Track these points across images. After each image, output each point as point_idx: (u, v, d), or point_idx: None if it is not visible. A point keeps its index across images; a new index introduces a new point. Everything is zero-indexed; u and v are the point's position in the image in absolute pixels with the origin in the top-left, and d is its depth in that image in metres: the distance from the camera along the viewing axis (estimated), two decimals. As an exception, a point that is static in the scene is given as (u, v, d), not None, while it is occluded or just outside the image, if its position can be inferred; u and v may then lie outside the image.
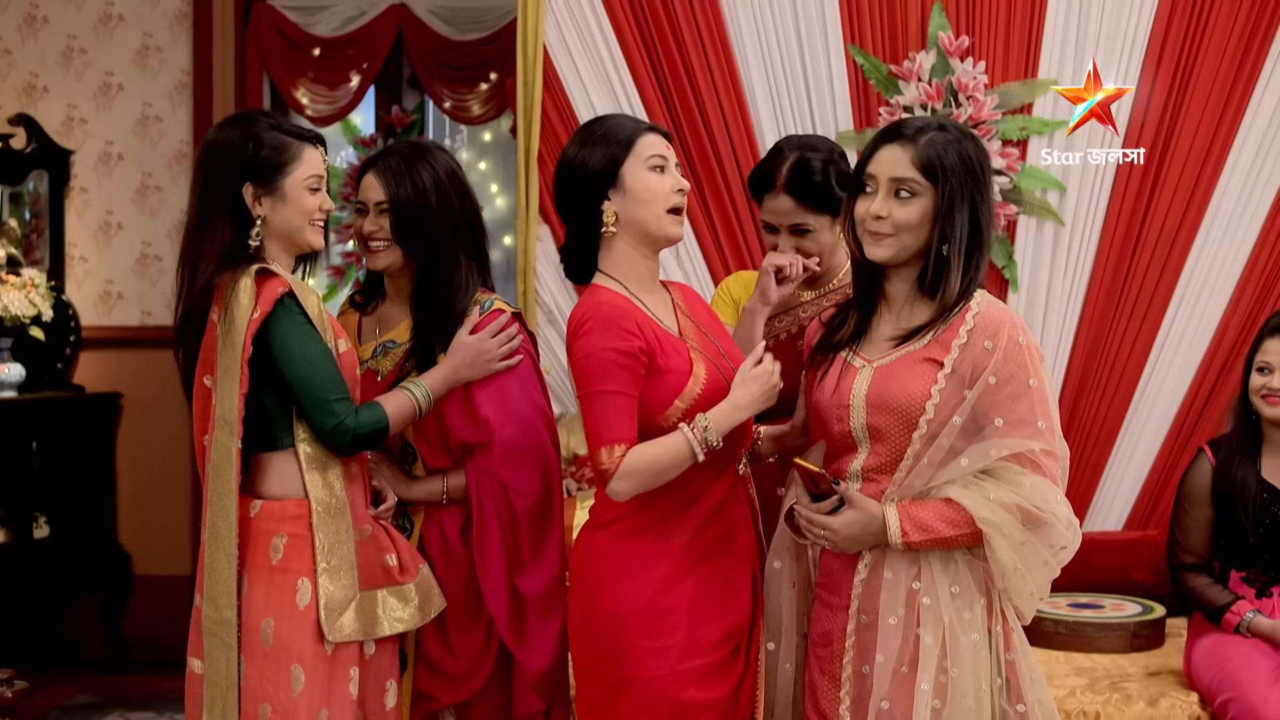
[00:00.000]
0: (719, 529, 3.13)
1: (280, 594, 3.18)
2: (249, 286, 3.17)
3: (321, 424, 3.20)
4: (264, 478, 3.27)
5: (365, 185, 3.56)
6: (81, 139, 7.04)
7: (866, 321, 3.10)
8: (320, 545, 3.18)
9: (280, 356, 3.19)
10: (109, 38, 7.01)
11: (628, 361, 3.01)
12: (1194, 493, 4.24)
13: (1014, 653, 2.98)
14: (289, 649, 3.16)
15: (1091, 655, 4.52)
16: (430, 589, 3.38)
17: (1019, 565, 2.89)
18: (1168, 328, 5.18)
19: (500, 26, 6.78)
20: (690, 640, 3.06)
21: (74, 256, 7.05)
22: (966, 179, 2.96)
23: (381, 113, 7.26)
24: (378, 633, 3.24)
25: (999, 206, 5.08)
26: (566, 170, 3.16)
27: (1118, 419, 5.20)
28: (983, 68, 5.14)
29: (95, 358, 7.03)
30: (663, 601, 3.06)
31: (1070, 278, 5.18)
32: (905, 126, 3.02)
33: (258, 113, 3.37)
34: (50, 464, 6.63)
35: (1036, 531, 2.89)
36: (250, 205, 3.25)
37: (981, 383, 2.90)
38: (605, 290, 3.12)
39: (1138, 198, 5.13)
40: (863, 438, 3.02)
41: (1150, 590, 4.97)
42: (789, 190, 3.50)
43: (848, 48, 5.22)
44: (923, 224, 2.97)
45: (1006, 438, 2.90)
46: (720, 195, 5.30)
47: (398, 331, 3.60)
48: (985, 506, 2.88)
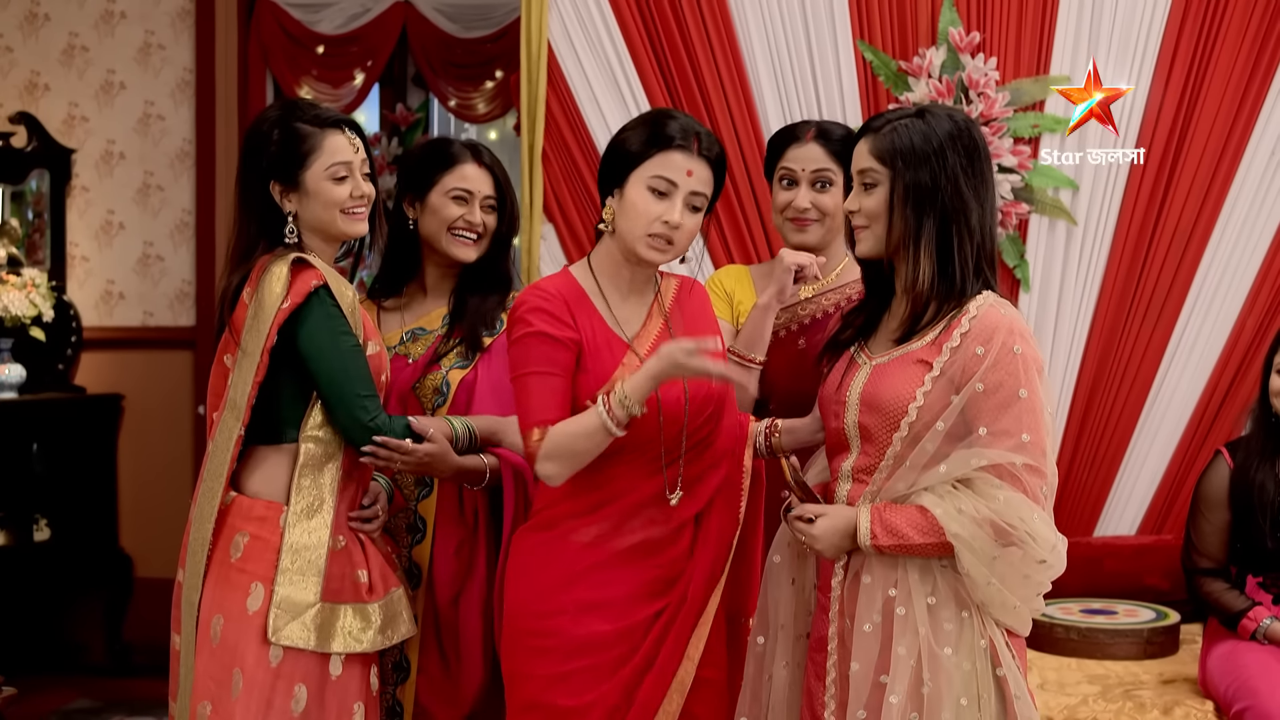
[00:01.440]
0: (639, 535, 3.05)
1: (232, 593, 3.12)
2: (283, 275, 3.12)
3: (351, 418, 3.14)
4: (251, 471, 3.21)
5: (469, 175, 3.59)
6: (83, 138, 7.02)
7: (877, 317, 3.04)
8: (289, 543, 3.11)
9: (310, 350, 3.13)
10: (111, 35, 6.99)
11: (557, 345, 2.98)
12: (1211, 496, 4.20)
13: (1003, 669, 2.85)
14: (233, 651, 3.10)
15: (1104, 662, 4.45)
16: (397, 613, 3.27)
17: (992, 580, 2.79)
18: (1182, 328, 5.11)
19: (506, 24, 6.73)
20: (574, 641, 3.01)
21: (75, 256, 7.02)
22: (930, 161, 2.86)
23: (386, 111, 7.23)
24: (328, 648, 3.13)
25: (1010, 205, 5.03)
26: (611, 142, 3.13)
27: (1131, 421, 5.14)
28: (994, 64, 5.07)
29: (97, 359, 6.99)
30: (551, 600, 3.02)
31: (1083, 278, 5.12)
32: (876, 119, 2.97)
33: (292, 102, 3.33)
34: (51, 466, 6.61)
35: (1009, 546, 2.78)
36: (279, 202, 3.21)
37: (969, 388, 2.81)
38: (565, 277, 3.11)
39: (1151, 196, 5.07)
40: (854, 436, 2.95)
41: (1164, 596, 4.91)
42: (819, 139, 3.56)
43: (856, 43, 5.16)
44: (884, 214, 2.92)
45: (989, 448, 2.79)
46: (726, 192, 5.17)
47: (428, 320, 3.62)
48: (955, 519, 2.78)
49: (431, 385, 3.54)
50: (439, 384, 3.54)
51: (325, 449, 3.18)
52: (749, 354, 3.44)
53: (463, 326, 3.58)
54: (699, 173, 3.05)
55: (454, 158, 3.63)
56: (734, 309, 3.62)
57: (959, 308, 2.87)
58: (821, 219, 3.54)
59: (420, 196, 3.64)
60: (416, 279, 3.71)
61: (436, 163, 3.64)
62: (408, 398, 3.55)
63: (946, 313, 2.89)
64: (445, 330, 3.60)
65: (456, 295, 3.65)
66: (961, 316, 2.86)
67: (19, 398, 6.51)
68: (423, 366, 3.54)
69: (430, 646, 3.51)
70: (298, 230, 3.22)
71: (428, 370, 3.55)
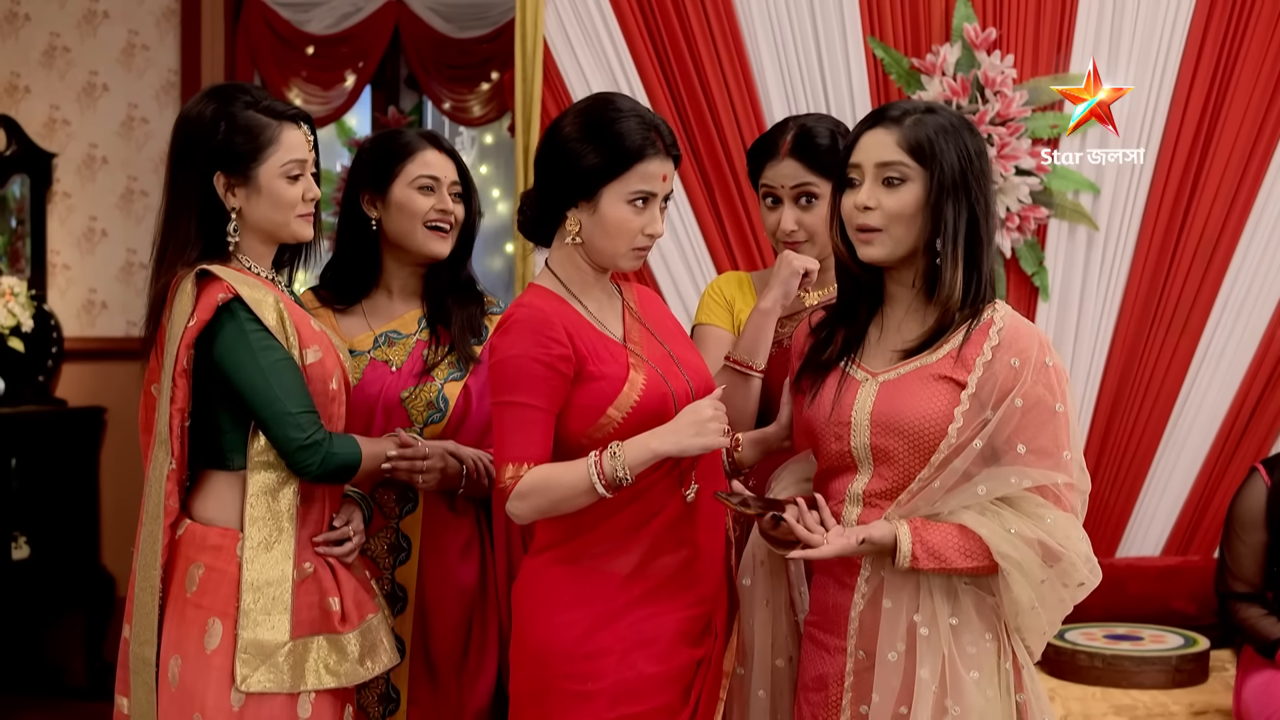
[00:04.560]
0: (674, 559, 2.92)
1: (189, 631, 2.93)
2: (189, 291, 2.94)
3: (286, 439, 2.93)
4: (203, 497, 3.03)
5: (432, 162, 3.46)
6: (64, 141, 6.96)
7: (863, 330, 2.88)
8: (249, 581, 2.91)
9: (229, 368, 2.94)
10: (93, 36, 6.94)
11: (544, 372, 2.83)
12: (1247, 515, 4.14)
13: (1025, 694, 2.76)
14: (192, 695, 2.90)
15: (1130, 691, 4.37)
16: (377, 641, 3.08)
17: (1035, 604, 2.70)
18: (1209, 339, 5.05)
19: (502, 23, 6.66)
20: (621, 685, 2.85)
21: (56, 264, 6.97)
22: (960, 165, 2.74)
23: (378, 114, 7.17)
24: (300, 686, 2.93)
25: (1028, 209, 4.97)
26: (556, 146, 2.93)
27: (1155, 436, 5.07)
28: (1011, 62, 5.00)
29: (78, 370, 6.91)
30: (593, 641, 2.86)
31: (1105, 285, 5.05)
32: (891, 108, 2.82)
33: (238, 87, 3.09)
34: (30, 481, 6.51)
35: (1055, 567, 2.69)
36: (222, 196, 3.00)
37: (1007, 405, 2.68)
38: (540, 292, 2.96)
39: (1176, 200, 5.00)
40: (865, 459, 2.78)
41: (1192, 620, 4.86)
42: (795, 153, 3.34)
43: (867, 40, 5.10)
44: (916, 214, 2.74)
45: (1030, 467, 2.69)
46: (730, 195, 5.18)
47: (401, 323, 3.50)
48: (1006, 540, 2.66)
49: (425, 399, 3.42)
50: (434, 398, 3.42)
51: (277, 474, 2.98)
52: (749, 361, 3.26)
53: (449, 334, 3.47)
54: (669, 170, 2.95)
55: (412, 145, 3.50)
56: (734, 317, 3.47)
57: (974, 316, 2.76)
58: (812, 237, 3.36)
59: (381, 192, 3.49)
60: (378, 281, 3.57)
61: (394, 153, 3.49)
62: (395, 409, 3.42)
63: (961, 322, 2.75)
64: (427, 336, 3.49)
65: (429, 297, 3.53)
66: (986, 327, 2.74)
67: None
68: (412, 376, 3.42)
69: (420, 674, 3.38)
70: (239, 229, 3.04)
71: (420, 381, 3.43)
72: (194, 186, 3.00)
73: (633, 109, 2.92)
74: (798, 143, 3.33)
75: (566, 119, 2.93)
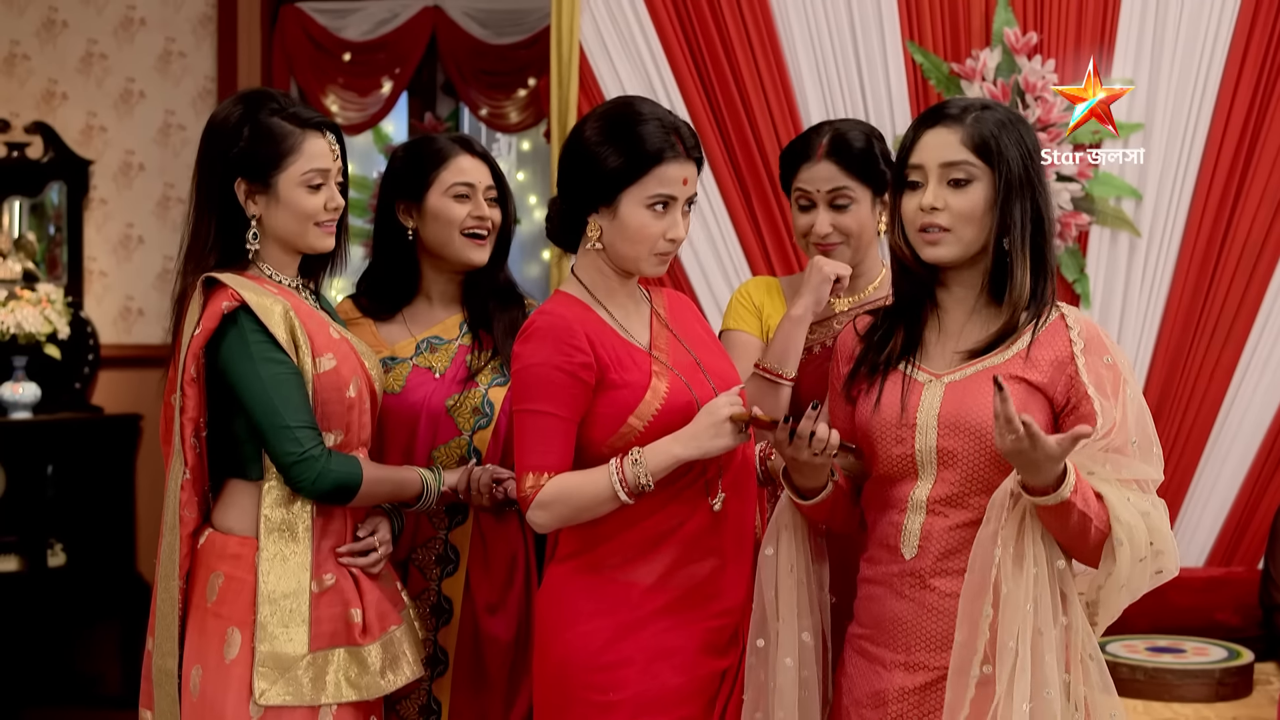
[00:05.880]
0: (700, 569, 2.88)
1: (209, 641, 2.90)
2: (197, 298, 2.92)
3: (281, 452, 2.89)
4: (224, 506, 3.00)
5: (466, 168, 3.44)
6: (101, 148, 6.99)
7: (920, 332, 2.82)
8: (265, 593, 2.88)
9: (233, 378, 2.92)
10: (130, 43, 6.98)
11: (566, 380, 2.81)
12: None
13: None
14: (212, 706, 2.87)
15: (1172, 705, 4.27)
16: (400, 654, 3.04)
17: (1128, 581, 2.61)
18: (1253, 347, 4.98)
19: (539, 29, 6.67)
20: (644, 696, 2.82)
21: (93, 271, 6.99)
22: (1023, 161, 2.70)
23: (414, 121, 7.18)
24: (320, 699, 2.89)
25: (1069, 216, 4.92)
26: (577, 150, 2.91)
27: (1199, 445, 5.01)
28: (1052, 66, 4.96)
29: (114, 377, 6.94)
30: (615, 651, 2.83)
31: (1147, 293, 5.00)
32: (949, 106, 2.76)
33: (266, 93, 3.07)
34: (66, 489, 6.55)
35: (1152, 548, 2.62)
36: (243, 203, 2.97)
37: (1123, 399, 2.65)
38: (564, 298, 2.94)
39: (1220, 206, 4.94)
40: (928, 462, 2.71)
41: (1235, 632, 4.76)
42: (831, 156, 3.31)
43: (906, 45, 5.06)
44: (984, 214, 2.70)
45: (1134, 460, 2.64)
46: (767, 200, 5.14)
47: (443, 328, 3.48)
48: (1126, 508, 2.58)
49: (470, 405, 3.40)
50: (479, 403, 3.40)
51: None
52: (779, 369, 3.22)
53: (491, 338, 3.45)
54: (691, 173, 2.91)
55: (445, 152, 3.47)
56: (763, 323, 3.43)
57: (1037, 316, 2.72)
58: (846, 240, 3.32)
59: (416, 201, 3.46)
60: (418, 288, 3.55)
61: (427, 162, 3.46)
62: (440, 416, 3.39)
63: (1027, 322, 2.71)
64: (470, 341, 3.46)
65: (470, 302, 3.51)
66: (1057, 328, 2.72)
67: (34, 418, 6.46)
68: (456, 383, 3.40)
69: (463, 686, 3.35)
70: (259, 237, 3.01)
71: (465, 388, 3.41)
72: (216, 192, 2.98)
73: (653, 112, 2.89)
74: (834, 145, 3.30)
75: (588, 123, 2.91)
